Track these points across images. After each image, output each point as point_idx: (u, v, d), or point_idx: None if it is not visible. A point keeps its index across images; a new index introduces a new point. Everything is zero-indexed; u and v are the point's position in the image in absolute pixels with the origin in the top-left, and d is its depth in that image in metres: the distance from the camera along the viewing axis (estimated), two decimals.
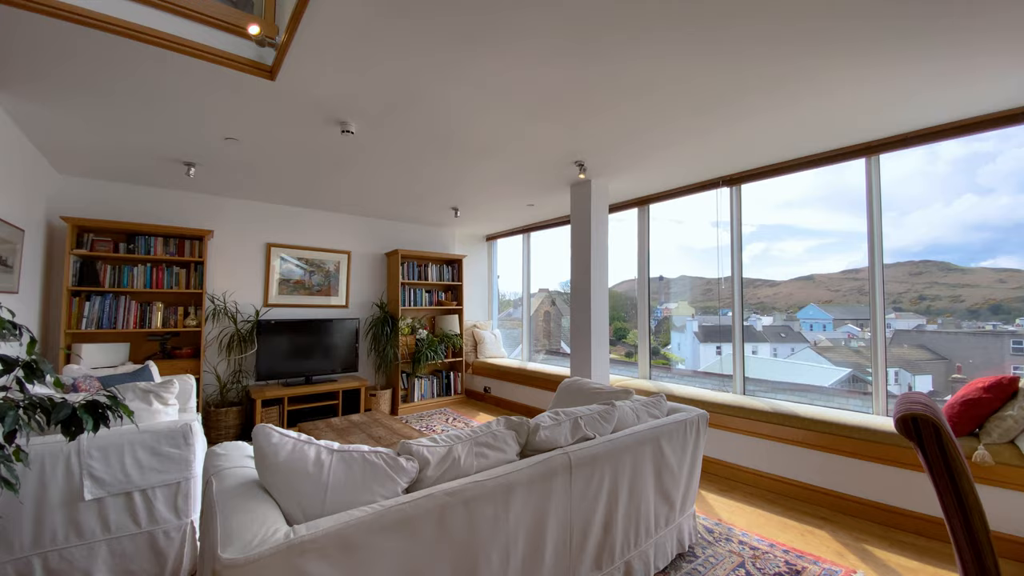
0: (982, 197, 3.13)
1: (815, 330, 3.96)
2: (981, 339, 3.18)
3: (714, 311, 4.46)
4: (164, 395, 2.25)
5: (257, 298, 4.75)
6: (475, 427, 1.77)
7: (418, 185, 4.17)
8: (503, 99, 2.55)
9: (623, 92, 2.48)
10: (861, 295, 3.57)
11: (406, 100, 2.53)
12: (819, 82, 2.38)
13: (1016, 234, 2.98)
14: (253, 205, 4.74)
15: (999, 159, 3.07)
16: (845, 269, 3.76)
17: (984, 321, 3.17)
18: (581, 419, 1.99)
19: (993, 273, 3.15)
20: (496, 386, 5.75)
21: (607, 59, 2.14)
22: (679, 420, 2.35)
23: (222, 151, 3.30)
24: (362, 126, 2.86)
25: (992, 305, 3.16)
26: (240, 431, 4.28)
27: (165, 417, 2.23)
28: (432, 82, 2.35)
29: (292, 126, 2.86)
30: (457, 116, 2.75)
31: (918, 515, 2.69)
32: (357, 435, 3.40)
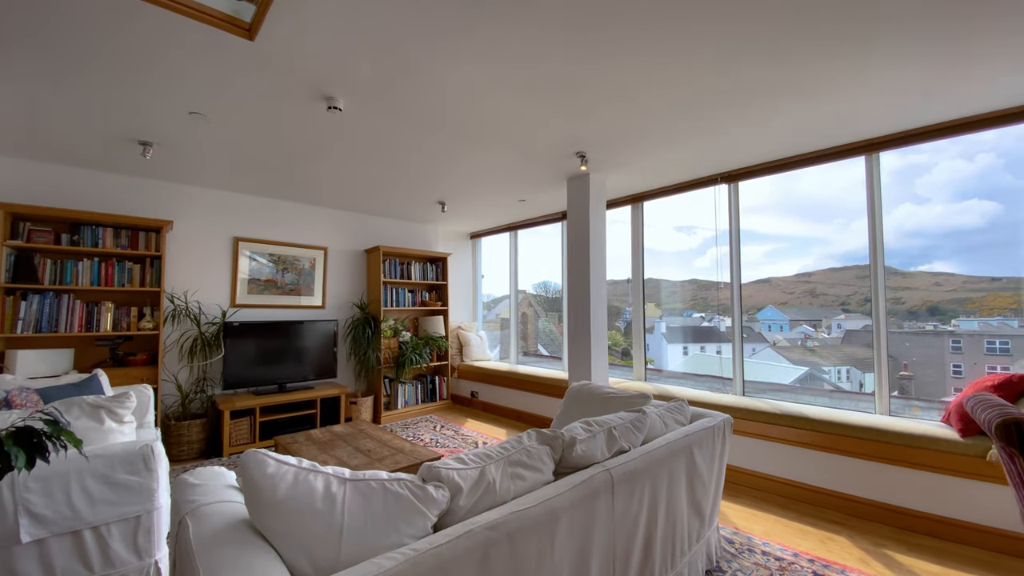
0: (919, 206, 3.36)
1: (773, 330, 4.09)
2: (923, 338, 3.34)
3: (679, 312, 4.65)
4: (118, 411, 1.89)
5: (223, 298, 4.31)
6: (505, 443, 1.53)
7: (405, 176, 3.87)
8: (506, 79, 2.32)
9: (636, 82, 2.36)
10: (812, 297, 3.83)
11: (401, 72, 2.26)
12: (823, 80, 2.36)
13: (949, 240, 3.24)
14: (219, 194, 4.30)
15: (934, 170, 3.31)
16: (798, 272, 3.93)
17: (923, 322, 3.37)
18: (615, 430, 1.78)
19: (930, 277, 3.34)
20: (484, 390, 5.48)
21: (622, 46, 2.00)
22: (707, 427, 2.18)
23: (185, 129, 2.91)
24: (350, 103, 2.56)
25: (929, 307, 3.37)
26: (205, 446, 3.85)
27: (120, 437, 1.88)
28: (431, 53, 2.09)
29: (270, 100, 2.53)
30: (454, 95, 2.49)
31: (930, 516, 2.63)
32: (342, 448, 3.07)
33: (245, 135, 3.02)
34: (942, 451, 2.62)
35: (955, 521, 2.56)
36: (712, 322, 4.56)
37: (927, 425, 2.81)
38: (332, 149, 3.27)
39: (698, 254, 4.56)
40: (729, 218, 3.91)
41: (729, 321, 4.31)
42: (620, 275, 4.82)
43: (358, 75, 2.27)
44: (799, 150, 3.42)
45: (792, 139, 3.19)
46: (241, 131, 2.95)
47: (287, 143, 3.15)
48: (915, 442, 2.71)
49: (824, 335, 3.90)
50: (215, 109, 2.63)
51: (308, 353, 4.61)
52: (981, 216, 3.15)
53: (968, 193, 3.19)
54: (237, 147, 3.23)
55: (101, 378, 2.88)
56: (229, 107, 2.61)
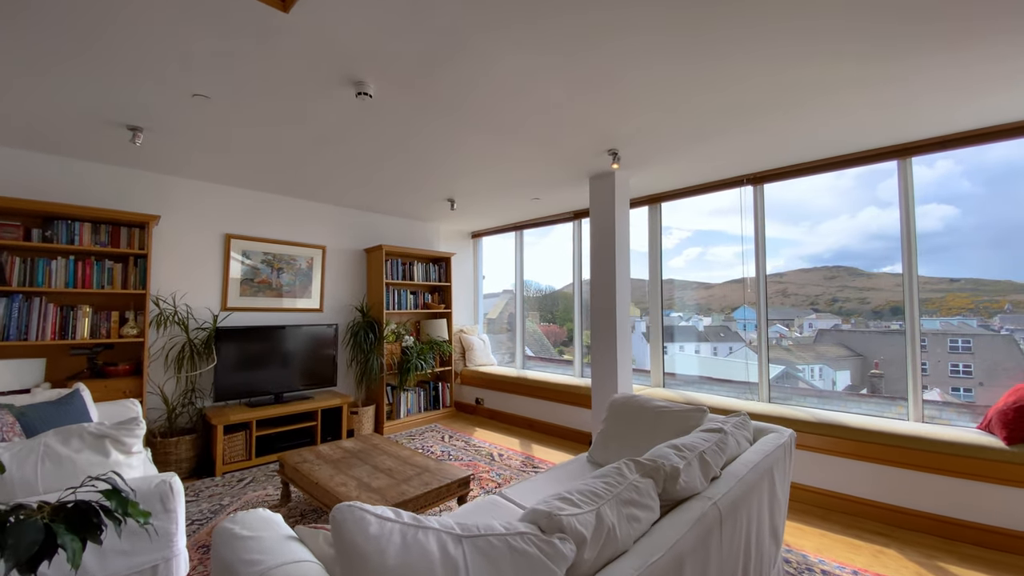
0: (881, 210, 3.46)
1: (748, 330, 4.13)
2: (889, 337, 3.43)
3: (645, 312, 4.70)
4: (126, 440, 1.59)
5: (213, 300, 3.95)
6: (605, 475, 1.33)
7: (421, 170, 3.61)
8: (556, 69, 2.13)
9: (688, 82, 2.26)
10: (784, 297, 3.93)
11: (447, 57, 2.02)
12: (860, 82, 2.29)
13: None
14: (210, 188, 3.93)
15: (896, 175, 3.35)
16: (770, 273, 3.94)
17: (887, 321, 3.49)
18: (706, 455, 1.61)
19: (892, 278, 3.42)
20: (489, 397, 5.26)
21: (677, 46, 1.85)
22: (780, 444, 2.03)
23: (185, 113, 2.59)
24: (382, 89, 2.30)
25: (892, 307, 3.47)
26: (195, 464, 3.50)
27: (129, 472, 1.58)
28: (487, 37, 1.87)
29: (293, 82, 2.25)
30: (499, 85, 2.28)
31: (977, 526, 2.57)
32: (359, 467, 2.81)
33: (253, 122, 2.71)
34: (988, 459, 2.57)
35: (1004, 530, 2.51)
36: (690, 322, 4.65)
37: (970, 433, 2.76)
38: (351, 140, 2.99)
39: (674, 254, 4.64)
40: (755, 220, 3.82)
41: (708, 320, 4.51)
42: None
43: (398, 58, 2.03)
44: (828, 153, 3.35)
45: (826, 142, 3.11)
46: (250, 118, 2.64)
47: (301, 132, 2.86)
48: (959, 451, 2.65)
49: (797, 334, 3.99)
50: (226, 89, 2.33)
51: (306, 360, 4.28)
52: (940, 220, 3.28)
53: (928, 198, 3.32)
54: (241, 136, 2.91)
55: (84, 394, 2.52)
56: (241, 89, 2.31)
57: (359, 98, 2.29)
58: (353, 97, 2.35)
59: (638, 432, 2.39)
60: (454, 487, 2.64)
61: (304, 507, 2.99)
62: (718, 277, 4.37)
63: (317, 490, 2.59)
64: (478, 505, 1.97)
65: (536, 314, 6.18)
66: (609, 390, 3.61)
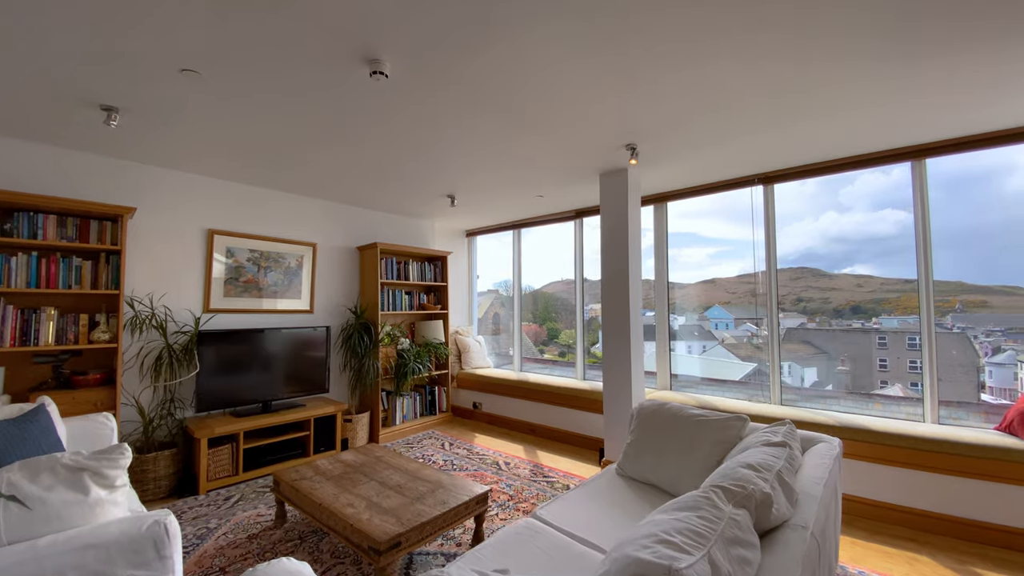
0: (842, 214, 3.64)
1: (720, 328, 4.29)
2: (852, 335, 3.59)
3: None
4: (108, 473, 1.34)
5: (195, 302, 3.62)
6: (696, 506, 1.15)
7: (425, 162, 3.37)
8: (592, 50, 1.95)
9: (731, 76, 2.15)
10: (753, 297, 4.01)
11: (478, 34, 1.82)
12: (879, 83, 2.25)
13: (869, 245, 3.54)
14: (193, 179, 3.60)
15: (856, 182, 3.60)
16: (739, 274, 4.12)
17: (847, 320, 3.64)
18: (783, 475, 1.45)
19: (853, 279, 3.59)
20: (488, 401, 5.05)
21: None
22: (836, 457, 1.91)
23: (170, 92, 2.29)
24: (400, 69, 2.07)
25: (852, 306, 3.64)
26: (176, 482, 3.18)
27: (113, 510, 1.33)
28: (522, 9, 1.68)
29: (299, 59, 1.99)
30: (528, 67, 2.08)
31: (1007, 528, 2.53)
32: (365, 484, 2.57)
33: (248, 105, 2.43)
34: (1014, 461, 2.53)
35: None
36: (678, 323, 4.66)
37: (991, 435, 2.72)
38: (356, 129, 2.74)
39: (646, 256, 4.61)
40: (766, 219, 3.74)
41: (682, 319, 4.56)
42: (594, 276, 5.04)
43: (421, 33, 1.81)
44: (843, 153, 3.28)
45: (843, 141, 3.05)
46: (245, 99, 2.37)
47: (301, 118, 2.59)
48: (984, 453, 2.61)
49: (766, 332, 4.02)
50: (218, 68, 2.06)
51: (296, 365, 3.99)
52: (895, 224, 3.46)
53: (884, 203, 3.51)
54: (232, 120, 2.62)
55: (50, 408, 2.20)
56: (239, 66, 2.05)
57: (373, 78, 2.05)
58: (366, 77, 2.11)
59: (675, 443, 2.23)
60: (472, 504, 2.44)
61: (302, 528, 2.73)
62: (691, 277, 4.50)
63: (321, 512, 2.34)
64: (517, 533, 1.78)
65: (512, 313, 6.03)
66: (623, 394, 3.47)
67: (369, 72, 2.04)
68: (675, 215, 4.37)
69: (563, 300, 5.64)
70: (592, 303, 5.25)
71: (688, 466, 2.14)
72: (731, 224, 4.18)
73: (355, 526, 2.11)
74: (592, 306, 5.32)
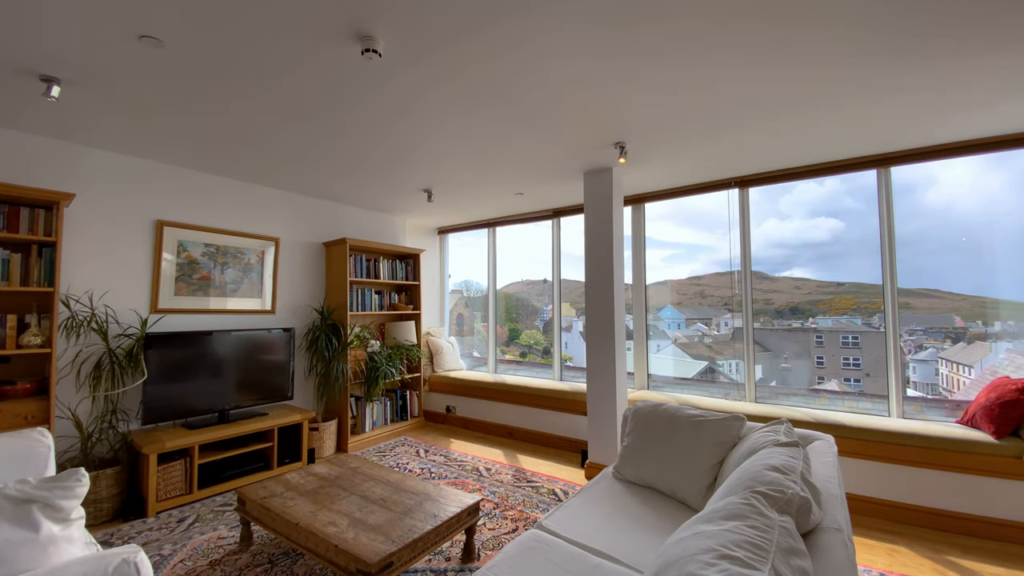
0: (782, 221, 3.84)
1: (672, 328, 4.43)
2: (792, 334, 3.79)
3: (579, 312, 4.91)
4: (62, 504, 1.12)
5: (142, 301, 3.25)
6: (742, 515, 1.09)
7: (404, 153, 3.19)
8: (597, 43, 1.89)
9: (727, 72, 2.15)
10: (702, 298, 4.27)
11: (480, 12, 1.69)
12: (855, 93, 2.34)
13: (805, 251, 3.78)
14: (141, 164, 3.23)
15: (794, 191, 3.83)
16: (689, 276, 4.30)
17: (787, 320, 3.85)
18: (805, 474, 1.43)
19: (791, 281, 3.78)
20: (462, 405, 4.89)
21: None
22: (835, 453, 1.93)
23: (123, 61, 2.01)
24: (394, 48, 1.91)
25: (791, 307, 3.83)
26: (120, 504, 2.83)
27: (69, 548, 1.11)
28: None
29: (280, 29, 1.79)
30: (532, 58, 1.99)
31: (974, 517, 2.66)
32: (345, 499, 2.37)
33: (213, 82, 2.18)
34: (980, 453, 2.68)
35: (999, 521, 2.61)
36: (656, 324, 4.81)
37: (957, 429, 2.87)
38: (331, 113, 2.53)
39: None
40: (741, 223, 3.82)
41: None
42: (535, 276, 5.43)
43: (423, 7, 1.66)
44: (817, 159, 3.40)
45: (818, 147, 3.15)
46: (210, 76, 2.12)
47: (271, 100, 2.36)
48: (952, 446, 2.75)
49: (715, 332, 4.29)
50: (185, 36, 1.82)
51: (257, 371, 3.68)
52: (828, 231, 3.71)
53: (819, 211, 3.77)
54: (195, 99, 2.35)
55: None
56: (209, 35, 1.82)
57: (365, 56, 1.88)
58: (355, 55, 1.94)
59: (675, 445, 2.19)
60: (464, 516, 2.30)
61: (272, 550, 2.48)
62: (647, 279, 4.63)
63: (297, 532, 2.12)
64: (527, 547, 1.66)
65: (478, 314, 5.96)
66: (608, 395, 3.43)
67: (361, 49, 1.87)
68: (629, 220, 4.43)
69: (524, 301, 5.63)
70: (552, 304, 5.27)
71: (689, 468, 2.10)
72: (683, 228, 4.38)
73: (340, 547, 1.92)
74: (552, 307, 5.32)
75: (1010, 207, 3.12)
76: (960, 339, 3.40)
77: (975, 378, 3.33)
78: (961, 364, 3.43)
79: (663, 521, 1.91)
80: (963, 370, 3.43)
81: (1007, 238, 3.12)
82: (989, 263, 3.20)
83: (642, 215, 4.38)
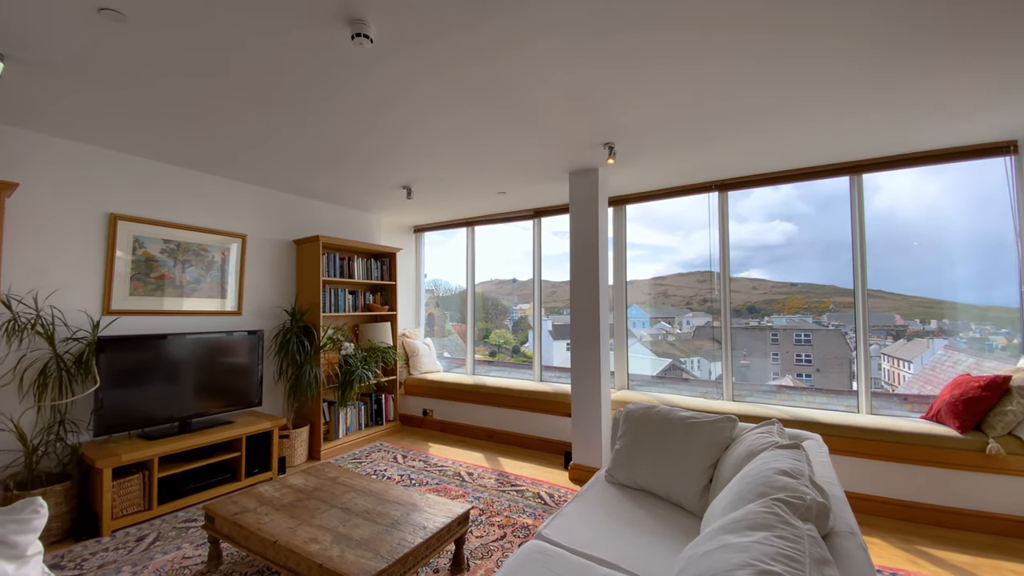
0: (740, 224, 3.96)
1: (638, 327, 4.56)
2: (750, 332, 3.96)
3: (558, 311, 5.06)
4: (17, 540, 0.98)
5: (93, 301, 2.98)
6: (768, 525, 1.06)
7: (387, 147, 3.05)
8: (589, 43, 1.87)
9: (705, 85, 2.23)
10: (665, 298, 4.44)
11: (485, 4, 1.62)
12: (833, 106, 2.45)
13: (761, 253, 3.95)
14: (93, 152, 2.96)
15: (752, 195, 3.97)
16: (653, 276, 4.44)
17: (745, 319, 4.02)
18: (813, 477, 1.43)
19: (749, 282, 3.93)
20: (439, 408, 4.77)
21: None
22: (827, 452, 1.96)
23: (80, 35, 1.81)
24: (386, 35, 1.81)
25: (749, 306, 3.99)
26: (71, 523, 2.57)
27: None
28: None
29: (262, 8, 1.65)
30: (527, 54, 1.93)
31: (940, 508, 2.79)
32: (325, 513, 2.24)
33: (178, 64, 2.00)
34: (946, 447, 2.82)
35: (963, 511, 2.74)
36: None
37: (923, 424, 3.01)
38: (309, 102, 2.37)
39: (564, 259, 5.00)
40: (720, 225, 3.89)
41: (610, 319, 4.70)
42: (505, 276, 5.51)
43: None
44: (791, 165, 3.50)
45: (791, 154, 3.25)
46: (175, 56, 1.94)
47: (242, 85, 2.19)
48: (920, 440, 2.88)
49: (678, 331, 4.45)
50: (152, 10, 1.65)
51: (222, 376, 3.45)
52: (782, 234, 3.89)
53: (774, 215, 3.95)
54: (159, 81, 2.15)
55: None
56: (176, 10, 1.65)
57: (355, 41, 1.76)
58: (343, 39, 1.81)
59: (669, 447, 2.18)
60: (454, 526, 2.21)
61: (244, 569, 2.32)
62: (609, 279, 4.79)
63: (276, 550, 1.98)
64: (529, 559, 1.59)
65: (448, 314, 5.88)
66: (593, 396, 3.41)
67: (351, 33, 1.75)
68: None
69: (493, 300, 5.60)
70: (521, 303, 5.43)
71: (684, 470, 2.09)
72: (648, 230, 4.47)
73: (325, 565, 1.80)
74: (521, 306, 5.45)
75: (946, 214, 3.36)
76: (900, 336, 3.60)
77: (915, 372, 3.57)
78: (902, 360, 3.64)
79: (662, 526, 1.89)
80: (903, 365, 3.65)
81: (944, 242, 3.36)
82: (927, 265, 3.42)
83: (623, 216, 4.39)
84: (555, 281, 4.95)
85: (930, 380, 3.54)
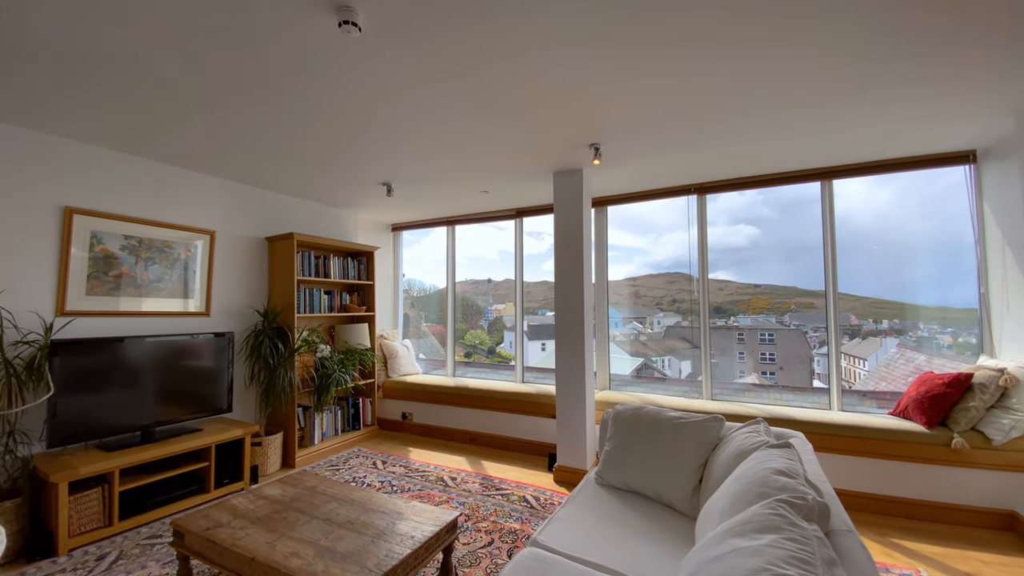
0: (708, 227, 4.04)
1: (612, 327, 4.57)
2: (718, 332, 4.05)
3: (533, 311, 5.08)
4: None
5: (45, 302, 2.76)
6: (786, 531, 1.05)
7: (368, 140, 2.94)
8: (581, 42, 1.85)
9: (691, 89, 2.25)
10: (637, 298, 4.53)
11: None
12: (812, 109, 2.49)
13: (727, 255, 4.06)
14: (46, 139, 2.73)
15: (719, 199, 4.06)
16: (625, 277, 4.53)
17: (712, 318, 4.10)
18: (808, 476, 1.44)
19: (715, 283, 4.02)
20: (419, 411, 4.66)
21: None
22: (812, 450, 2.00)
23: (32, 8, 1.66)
24: (375, 23, 1.72)
25: (715, 307, 4.06)
26: (23, 542, 2.37)
27: None
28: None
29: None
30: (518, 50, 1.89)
31: (908, 501, 2.90)
32: (305, 525, 2.13)
33: (156, 45, 1.86)
34: (914, 442, 2.93)
35: (931, 503, 2.86)
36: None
37: (891, 420, 3.13)
38: (288, 90, 2.26)
39: (546, 258, 5.09)
40: (699, 227, 3.95)
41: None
42: (480, 276, 5.54)
43: None
44: (766, 170, 3.59)
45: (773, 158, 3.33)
46: (151, 35, 1.80)
47: (216, 68, 2.06)
48: (889, 436, 2.99)
49: (650, 330, 4.55)
50: None
51: (188, 381, 3.26)
52: (746, 237, 4.03)
53: (739, 219, 4.08)
54: (119, 55, 1.99)
55: None
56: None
57: (342, 29, 1.68)
58: (329, 26, 1.72)
59: (658, 448, 2.18)
60: (443, 535, 2.14)
61: None
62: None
63: (254, 568, 1.86)
64: (526, 568, 1.55)
65: (423, 315, 5.80)
66: (578, 398, 3.40)
67: (338, 21, 1.66)
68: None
69: (469, 301, 5.56)
70: (497, 304, 5.43)
71: (674, 471, 2.09)
72: (620, 231, 4.53)
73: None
74: (497, 306, 5.43)
75: (895, 222, 3.54)
76: (856, 335, 3.76)
77: (871, 370, 3.74)
78: (857, 357, 3.79)
79: (656, 528, 1.88)
80: (859, 362, 3.81)
81: (895, 245, 3.53)
82: (878, 268, 3.59)
83: (604, 217, 4.41)
84: (530, 282, 4.95)
85: (885, 377, 3.71)
